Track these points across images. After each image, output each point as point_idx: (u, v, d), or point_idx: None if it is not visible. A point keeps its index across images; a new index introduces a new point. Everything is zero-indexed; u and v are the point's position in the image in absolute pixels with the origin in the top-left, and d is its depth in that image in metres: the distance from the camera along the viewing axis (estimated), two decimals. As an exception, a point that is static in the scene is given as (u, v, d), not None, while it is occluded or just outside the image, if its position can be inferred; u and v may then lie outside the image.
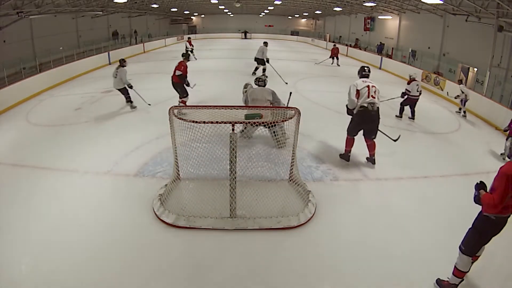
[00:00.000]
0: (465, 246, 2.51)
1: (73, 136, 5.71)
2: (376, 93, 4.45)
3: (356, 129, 4.67)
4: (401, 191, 4.24)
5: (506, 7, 8.71)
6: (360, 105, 4.43)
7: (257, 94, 5.12)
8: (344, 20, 24.48)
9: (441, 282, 2.70)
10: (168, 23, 31.29)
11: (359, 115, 4.50)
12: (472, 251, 2.50)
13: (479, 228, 2.46)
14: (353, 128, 4.68)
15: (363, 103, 4.40)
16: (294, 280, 2.77)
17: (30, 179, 4.30)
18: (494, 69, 9.95)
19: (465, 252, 2.52)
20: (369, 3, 15.73)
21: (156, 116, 6.63)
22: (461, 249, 2.54)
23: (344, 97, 7.56)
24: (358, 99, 4.47)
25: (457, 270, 2.58)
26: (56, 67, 10.54)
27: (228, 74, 10.95)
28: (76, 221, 3.41)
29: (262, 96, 5.08)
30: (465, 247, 2.52)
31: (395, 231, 3.42)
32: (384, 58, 15.14)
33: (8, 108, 7.48)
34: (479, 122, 7.60)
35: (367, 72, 4.66)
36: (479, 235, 2.45)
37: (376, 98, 4.44)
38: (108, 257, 2.96)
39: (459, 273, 2.58)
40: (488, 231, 2.43)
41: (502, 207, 2.30)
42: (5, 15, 10.29)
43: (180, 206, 3.56)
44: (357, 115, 4.53)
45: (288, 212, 3.53)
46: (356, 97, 4.48)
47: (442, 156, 5.39)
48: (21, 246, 3.06)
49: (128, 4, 17.51)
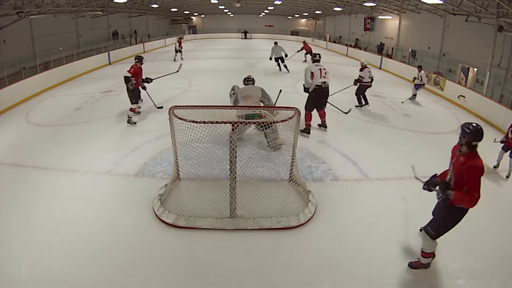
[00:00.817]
0: (436, 232, 2.71)
1: (73, 136, 5.71)
2: (327, 74, 5.53)
3: (313, 104, 5.63)
4: (401, 191, 4.24)
5: (506, 7, 8.71)
6: (315, 85, 5.46)
7: (248, 91, 5.11)
8: (344, 20, 24.47)
9: (412, 264, 2.92)
10: (168, 23, 31.27)
11: (315, 92, 5.52)
12: (440, 235, 2.73)
13: (453, 217, 2.64)
14: (311, 104, 5.64)
15: (317, 82, 5.45)
16: (294, 280, 2.77)
17: (30, 179, 4.30)
18: (494, 69, 9.95)
19: (434, 237, 2.73)
20: (369, 3, 15.72)
21: (156, 116, 6.63)
22: (431, 235, 2.73)
23: (343, 97, 7.57)
24: (313, 80, 5.48)
25: (425, 253, 2.82)
26: (56, 67, 10.55)
27: (228, 74, 10.94)
28: (76, 221, 3.41)
29: (253, 92, 5.07)
30: (435, 233, 2.71)
31: (395, 231, 3.42)
32: (384, 58, 15.13)
33: (8, 108, 7.48)
34: (479, 122, 7.57)
35: (318, 58, 5.73)
36: (451, 222, 2.66)
37: (327, 78, 5.51)
38: (108, 257, 2.97)
39: (428, 254, 2.83)
40: (460, 219, 2.63)
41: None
42: (5, 15, 10.28)
43: (180, 206, 3.56)
44: (313, 92, 5.53)
45: (288, 212, 3.53)
46: (311, 78, 5.48)
47: (442, 156, 5.37)
48: (21, 246, 3.06)
49: (128, 4, 17.50)
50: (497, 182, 4.66)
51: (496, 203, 4.06)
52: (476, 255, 3.12)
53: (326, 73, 5.51)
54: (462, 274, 2.91)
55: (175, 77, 8.29)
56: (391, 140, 5.92)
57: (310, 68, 5.55)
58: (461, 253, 3.15)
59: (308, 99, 5.67)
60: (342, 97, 7.56)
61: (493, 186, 4.53)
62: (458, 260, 3.06)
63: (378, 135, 6.14)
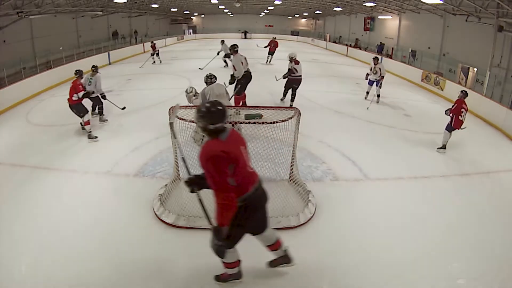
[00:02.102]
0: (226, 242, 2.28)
1: (73, 136, 5.71)
2: (247, 61, 6.61)
3: (244, 88, 6.42)
4: (401, 191, 4.24)
5: (506, 7, 8.71)
6: (244, 71, 6.41)
7: (218, 89, 4.97)
8: (344, 20, 24.47)
9: (219, 277, 2.66)
10: (168, 23, 31.26)
11: (245, 78, 6.43)
12: (233, 243, 2.37)
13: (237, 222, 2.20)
14: (242, 88, 6.39)
15: (245, 69, 6.43)
16: (294, 280, 2.77)
17: (30, 179, 4.30)
18: (494, 69, 9.94)
19: (228, 247, 2.35)
20: (369, 3, 15.72)
21: (156, 116, 6.63)
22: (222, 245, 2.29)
23: (344, 97, 7.56)
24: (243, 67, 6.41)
25: (228, 264, 2.51)
26: (56, 67, 10.55)
27: (228, 74, 10.96)
28: (76, 221, 3.41)
29: (222, 90, 5.00)
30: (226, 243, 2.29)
31: (395, 231, 3.42)
32: (384, 58, 15.13)
33: (8, 108, 7.48)
34: (479, 122, 7.59)
35: (237, 48, 6.60)
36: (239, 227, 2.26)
37: (248, 65, 6.60)
38: (107, 257, 2.97)
39: (231, 264, 2.52)
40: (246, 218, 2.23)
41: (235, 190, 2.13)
42: (5, 15, 10.28)
43: (180, 206, 3.56)
44: (243, 78, 6.41)
45: (288, 212, 3.53)
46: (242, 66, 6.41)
47: (442, 156, 5.39)
48: (21, 246, 3.07)
49: (128, 4, 17.50)
50: (497, 182, 4.66)
51: (496, 203, 4.06)
52: (476, 255, 3.12)
53: (247, 61, 6.61)
54: (462, 274, 2.91)
55: (175, 77, 8.30)
56: (391, 140, 5.92)
57: (240, 59, 6.46)
58: (461, 253, 3.15)
59: (238, 85, 6.39)
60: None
61: (493, 186, 4.52)
62: (458, 260, 3.06)
63: (378, 135, 6.14)
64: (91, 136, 5.33)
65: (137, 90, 9.16)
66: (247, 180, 2.23)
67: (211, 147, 2.09)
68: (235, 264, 2.56)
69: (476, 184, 4.54)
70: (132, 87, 9.63)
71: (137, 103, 7.32)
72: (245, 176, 2.22)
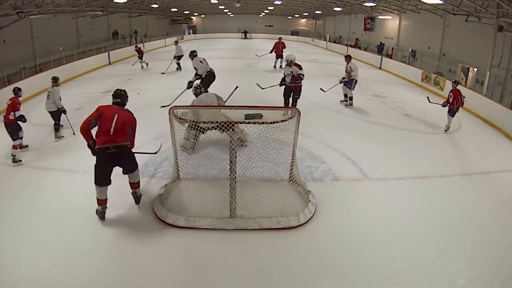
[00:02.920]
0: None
1: (73, 136, 5.70)
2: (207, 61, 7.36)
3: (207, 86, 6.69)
4: (401, 191, 4.24)
5: (506, 7, 8.71)
6: (207, 71, 7.20)
7: (207, 98, 4.87)
8: (344, 20, 24.46)
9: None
10: (168, 23, 31.27)
11: (209, 77, 7.19)
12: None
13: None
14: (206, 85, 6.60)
15: (208, 69, 7.23)
16: (294, 280, 2.78)
17: (30, 179, 4.30)
18: (494, 69, 9.95)
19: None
20: (369, 3, 15.71)
21: (156, 116, 6.62)
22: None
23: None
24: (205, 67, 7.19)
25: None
26: (56, 67, 10.54)
27: (228, 74, 10.94)
28: (76, 221, 3.41)
29: (212, 98, 4.89)
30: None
31: (395, 231, 3.42)
32: (384, 58, 15.12)
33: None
34: (479, 122, 7.59)
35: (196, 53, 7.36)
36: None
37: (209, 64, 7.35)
38: (107, 257, 2.97)
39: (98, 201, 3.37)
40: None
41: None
42: (5, 15, 10.28)
43: (180, 206, 3.56)
44: (207, 77, 7.16)
45: (288, 212, 3.53)
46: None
47: (442, 156, 5.39)
48: (21, 246, 3.07)
49: (128, 4, 17.50)
50: (497, 182, 4.66)
51: (496, 203, 4.06)
52: (476, 255, 3.13)
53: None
54: (462, 274, 2.91)
55: (175, 77, 8.29)
56: (391, 140, 5.92)
57: (198, 59, 7.26)
58: (461, 253, 3.15)
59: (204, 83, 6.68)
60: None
61: (493, 186, 4.52)
62: (458, 260, 3.06)
63: (378, 135, 6.14)
64: (15, 160, 4.79)
65: (137, 90, 9.15)
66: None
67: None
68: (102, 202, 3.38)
69: (476, 184, 4.54)
70: (132, 87, 9.61)
71: (137, 103, 7.30)
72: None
